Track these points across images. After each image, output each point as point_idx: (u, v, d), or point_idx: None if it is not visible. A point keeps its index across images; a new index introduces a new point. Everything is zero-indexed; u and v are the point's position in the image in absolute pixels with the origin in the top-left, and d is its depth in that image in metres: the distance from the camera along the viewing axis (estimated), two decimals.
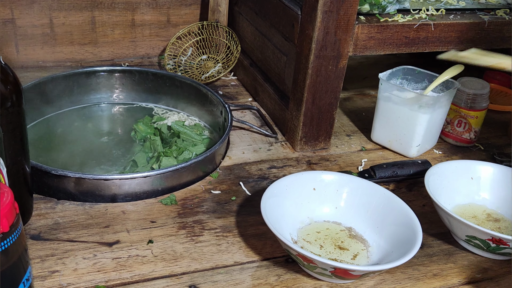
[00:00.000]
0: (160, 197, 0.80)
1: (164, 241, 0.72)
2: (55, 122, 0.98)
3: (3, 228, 0.48)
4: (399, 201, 0.74)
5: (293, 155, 0.95)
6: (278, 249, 0.73)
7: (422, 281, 0.70)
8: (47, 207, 0.76)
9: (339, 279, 0.66)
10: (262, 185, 0.85)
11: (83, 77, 1.03)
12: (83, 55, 1.19)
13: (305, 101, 0.91)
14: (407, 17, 0.93)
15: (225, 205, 0.80)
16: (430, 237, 0.78)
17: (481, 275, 0.72)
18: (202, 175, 0.86)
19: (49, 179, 0.77)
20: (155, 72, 1.06)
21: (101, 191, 0.77)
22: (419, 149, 0.97)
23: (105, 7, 1.16)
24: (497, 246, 0.71)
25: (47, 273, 0.65)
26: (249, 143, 0.97)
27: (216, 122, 0.99)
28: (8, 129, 0.64)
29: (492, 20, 0.96)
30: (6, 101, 0.63)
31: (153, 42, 1.24)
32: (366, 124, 1.05)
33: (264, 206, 0.69)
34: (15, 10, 1.09)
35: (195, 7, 1.23)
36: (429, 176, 0.79)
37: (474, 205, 0.83)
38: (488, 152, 1.02)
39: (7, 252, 0.49)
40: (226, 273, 0.68)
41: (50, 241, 0.70)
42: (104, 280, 0.65)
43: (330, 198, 0.77)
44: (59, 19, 1.13)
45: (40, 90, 0.97)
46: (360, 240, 0.74)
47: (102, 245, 0.70)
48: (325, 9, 0.83)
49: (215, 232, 0.75)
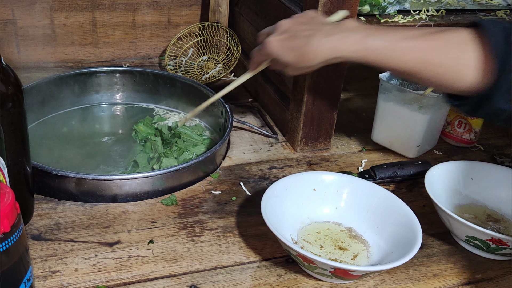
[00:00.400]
0: (161, 198, 0.80)
1: (165, 241, 0.72)
2: (56, 123, 0.99)
3: (4, 228, 0.48)
4: (399, 201, 0.74)
5: (293, 156, 0.95)
6: (279, 249, 0.73)
7: (422, 281, 0.70)
8: (48, 207, 0.76)
9: (339, 279, 0.66)
10: (263, 186, 0.85)
11: (84, 77, 1.03)
12: (84, 55, 1.19)
13: (306, 101, 0.91)
14: (407, 17, 0.93)
15: (226, 206, 0.81)
16: (430, 237, 0.78)
17: (481, 276, 0.73)
18: (202, 175, 0.86)
19: (50, 180, 0.77)
20: (155, 73, 1.06)
21: (102, 191, 0.77)
22: (419, 150, 0.97)
23: (105, 7, 1.16)
24: (497, 247, 0.72)
25: (48, 273, 0.65)
26: (250, 144, 0.97)
27: (217, 123, 1.00)
28: (9, 130, 0.65)
29: None
30: (7, 102, 0.63)
31: (153, 43, 1.24)
32: (366, 125, 1.05)
33: (264, 206, 0.69)
34: (16, 10, 1.10)
35: (195, 8, 1.24)
36: (429, 177, 0.79)
37: (474, 205, 0.83)
38: (489, 153, 1.02)
39: (8, 252, 0.49)
40: (226, 273, 0.68)
41: (51, 241, 0.70)
42: (105, 280, 0.65)
43: (330, 198, 0.78)
44: (60, 19, 1.14)
45: (41, 91, 0.97)
46: (360, 241, 0.74)
47: (103, 245, 0.70)
48: (325, 10, 0.83)
49: (215, 232, 0.75)
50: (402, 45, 0.67)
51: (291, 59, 0.72)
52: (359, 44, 0.68)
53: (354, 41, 0.68)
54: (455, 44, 0.65)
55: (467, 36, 0.65)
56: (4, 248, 0.49)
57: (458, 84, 0.66)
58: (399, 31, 0.69)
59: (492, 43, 0.62)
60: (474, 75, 0.64)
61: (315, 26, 0.72)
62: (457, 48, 0.65)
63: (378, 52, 0.68)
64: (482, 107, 0.65)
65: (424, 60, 0.66)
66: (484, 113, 0.67)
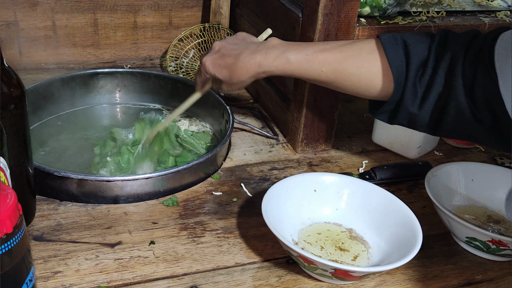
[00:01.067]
0: (162, 199, 0.81)
1: (166, 242, 0.72)
2: (57, 124, 0.99)
3: (6, 229, 0.48)
4: (399, 202, 0.74)
5: (294, 157, 0.95)
6: (279, 250, 0.73)
7: (422, 282, 0.70)
8: (50, 208, 0.76)
9: (339, 280, 0.66)
10: (263, 187, 0.86)
11: (86, 79, 1.03)
12: (85, 57, 1.19)
13: (306, 102, 0.91)
14: (407, 19, 0.93)
15: (227, 207, 0.81)
16: (431, 238, 0.78)
17: (481, 277, 0.73)
18: (203, 176, 0.86)
19: (52, 181, 0.77)
20: (157, 74, 1.06)
21: (103, 192, 0.78)
22: (420, 151, 0.97)
23: (107, 9, 1.17)
24: (497, 248, 0.72)
25: (50, 273, 0.66)
26: (251, 145, 0.97)
27: (218, 124, 1.00)
28: (11, 131, 0.65)
29: (492, 22, 0.96)
30: (10, 103, 0.64)
31: (155, 44, 1.24)
32: (367, 126, 1.05)
33: (265, 207, 0.69)
34: (18, 12, 1.10)
35: (196, 9, 1.24)
36: (429, 178, 0.79)
37: (474, 206, 0.83)
38: (489, 154, 1.02)
39: (11, 252, 0.49)
40: (227, 274, 0.68)
41: (53, 242, 0.70)
42: (106, 281, 0.65)
43: (330, 199, 0.78)
44: (62, 21, 1.14)
45: (43, 92, 0.97)
46: (361, 242, 0.74)
47: (104, 246, 0.71)
48: (325, 11, 0.83)
49: (216, 233, 0.75)
50: (318, 57, 0.73)
51: (223, 76, 0.79)
52: (280, 59, 0.75)
53: (275, 56, 0.75)
54: (365, 54, 0.72)
55: (374, 45, 0.71)
56: (6, 249, 0.49)
57: (371, 90, 0.73)
58: (316, 45, 0.75)
59: (387, 53, 0.69)
60: (382, 82, 0.71)
61: (244, 45, 0.79)
62: (366, 57, 0.72)
63: (297, 65, 0.74)
64: (397, 113, 0.71)
65: (338, 70, 0.73)
66: (401, 120, 0.72)
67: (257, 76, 0.78)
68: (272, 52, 0.76)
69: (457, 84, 0.65)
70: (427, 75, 0.67)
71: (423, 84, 0.68)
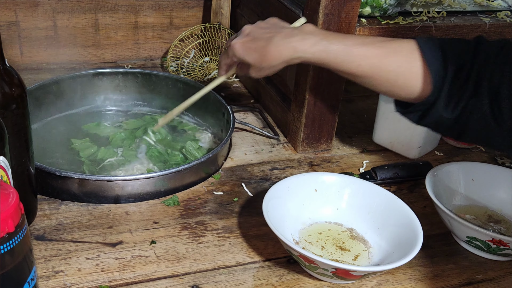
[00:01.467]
0: (163, 198, 0.81)
1: (167, 242, 0.73)
2: (59, 124, 0.99)
3: (8, 228, 0.49)
4: (400, 202, 0.74)
5: (295, 157, 0.95)
6: (280, 249, 0.73)
7: (423, 282, 0.71)
8: (51, 208, 0.77)
9: (340, 279, 0.66)
10: (264, 186, 0.86)
11: (87, 79, 1.04)
12: (86, 57, 1.19)
13: (307, 103, 0.92)
14: (408, 19, 0.93)
15: (227, 206, 0.81)
16: (431, 238, 0.78)
17: (481, 276, 0.73)
18: (204, 176, 0.86)
19: (53, 180, 0.77)
20: (158, 74, 1.06)
21: (104, 192, 0.78)
22: (420, 151, 0.97)
23: (108, 9, 1.17)
24: (497, 247, 0.72)
25: (51, 273, 0.66)
26: (251, 145, 0.97)
27: (219, 124, 1.00)
28: (13, 131, 0.65)
29: (493, 22, 0.96)
30: (11, 103, 0.64)
31: (156, 44, 1.24)
32: (367, 126, 1.05)
33: (266, 207, 0.69)
34: (19, 12, 1.10)
35: (197, 10, 1.24)
36: (430, 178, 0.79)
37: (475, 206, 0.83)
38: (489, 154, 1.02)
39: (13, 252, 0.50)
40: (228, 274, 0.69)
41: (54, 241, 0.71)
42: (108, 280, 0.66)
43: (331, 199, 0.78)
44: (63, 21, 1.14)
45: (44, 92, 0.98)
46: (362, 241, 0.74)
47: (106, 245, 0.71)
48: (326, 11, 0.84)
49: (217, 233, 0.75)
50: (357, 50, 0.71)
51: (253, 59, 0.75)
52: (317, 46, 0.72)
53: (313, 43, 0.72)
54: (405, 53, 0.70)
55: (414, 46, 0.70)
56: (8, 248, 0.49)
57: (407, 90, 0.71)
58: (355, 38, 0.74)
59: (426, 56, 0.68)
60: (421, 83, 0.69)
61: (276, 29, 0.76)
62: (406, 56, 0.70)
63: (334, 55, 0.72)
64: (427, 115, 0.70)
65: (377, 66, 0.71)
66: (429, 121, 0.71)
67: (289, 62, 0.75)
68: (309, 38, 0.72)
69: (483, 91, 0.64)
70: (462, 80, 0.66)
71: (458, 89, 0.67)
